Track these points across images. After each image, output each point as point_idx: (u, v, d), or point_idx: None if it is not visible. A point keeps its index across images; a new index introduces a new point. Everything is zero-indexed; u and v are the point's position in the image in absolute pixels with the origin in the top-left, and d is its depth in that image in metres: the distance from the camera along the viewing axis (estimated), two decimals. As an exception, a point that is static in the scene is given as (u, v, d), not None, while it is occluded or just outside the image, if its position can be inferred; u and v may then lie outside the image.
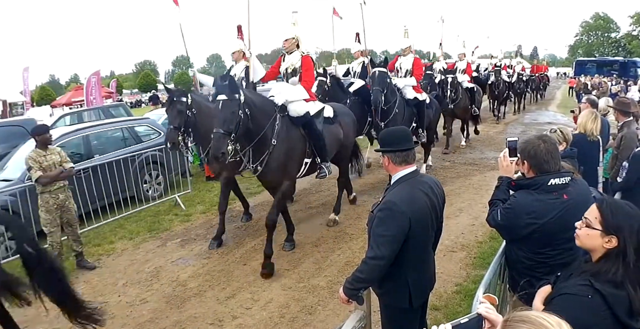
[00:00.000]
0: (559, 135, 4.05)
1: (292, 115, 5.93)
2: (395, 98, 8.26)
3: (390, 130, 3.14)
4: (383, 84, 7.84)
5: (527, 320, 1.33)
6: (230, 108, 4.95)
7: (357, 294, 2.81)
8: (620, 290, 1.85)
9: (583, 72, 38.65)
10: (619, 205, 1.98)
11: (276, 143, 5.59)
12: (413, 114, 8.79)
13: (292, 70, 6.46)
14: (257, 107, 5.37)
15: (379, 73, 7.85)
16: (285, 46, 6.49)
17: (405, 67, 9.03)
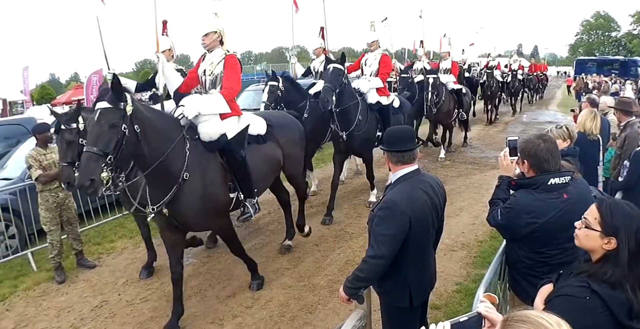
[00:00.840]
0: (564, 132, 4.03)
1: (203, 138, 4.54)
2: (355, 102, 7.16)
3: (394, 128, 3.17)
4: (335, 82, 6.68)
5: (526, 320, 1.33)
6: (108, 120, 3.62)
7: (358, 294, 2.81)
8: (618, 292, 1.85)
9: (583, 71, 38.62)
10: (618, 206, 1.97)
11: (188, 176, 4.23)
12: (377, 120, 7.60)
13: (210, 74, 4.96)
14: (153, 123, 4.02)
15: (333, 70, 6.73)
16: (206, 43, 4.91)
17: (371, 64, 7.91)
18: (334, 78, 6.66)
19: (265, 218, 7.58)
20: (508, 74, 19.82)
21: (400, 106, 8.38)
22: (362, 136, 7.27)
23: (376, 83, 7.66)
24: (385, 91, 7.88)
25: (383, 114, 7.63)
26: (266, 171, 5.23)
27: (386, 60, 7.89)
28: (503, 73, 19.43)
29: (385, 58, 7.92)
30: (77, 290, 5.49)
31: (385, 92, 7.82)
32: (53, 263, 5.73)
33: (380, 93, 7.63)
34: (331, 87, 6.57)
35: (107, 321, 4.76)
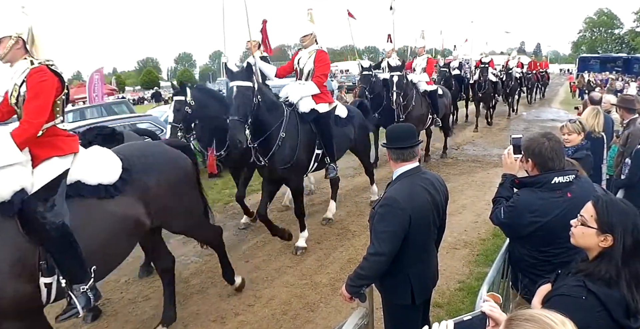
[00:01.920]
0: (578, 126, 4.11)
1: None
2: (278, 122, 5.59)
3: (395, 126, 3.17)
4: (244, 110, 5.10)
5: (530, 319, 1.32)
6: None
7: (360, 292, 2.81)
8: (615, 290, 1.84)
9: (586, 69, 38.53)
10: (614, 203, 1.97)
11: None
12: (314, 134, 6.05)
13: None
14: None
15: (238, 92, 5.09)
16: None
17: (305, 63, 6.27)
18: (241, 103, 5.04)
19: (268, 215, 7.56)
20: (503, 72, 18.20)
21: (350, 116, 6.86)
22: (286, 158, 5.65)
23: (308, 89, 6.05)
24: (325, 97, 6.27)
25: (321, 126, 6.05)
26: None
27: (322, 58, 6.22)
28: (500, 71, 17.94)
29: (322, 55, 6.24)
30: (79, 288, 5.48)
31: (324, 98, 6.23)
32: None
33: (318, 100, 6.07)
34: (240, 120, 5.02)
35: (109, 319, 4.77)
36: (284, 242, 6.42)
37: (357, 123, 7.09)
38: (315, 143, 6.08)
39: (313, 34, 6.30)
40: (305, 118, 5.97)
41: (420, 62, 10.64)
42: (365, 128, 7.57)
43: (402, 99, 9.12)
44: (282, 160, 5.63)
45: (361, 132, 7.30)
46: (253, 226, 7.25)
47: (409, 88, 9.46)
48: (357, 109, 7.56)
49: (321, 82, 6.19)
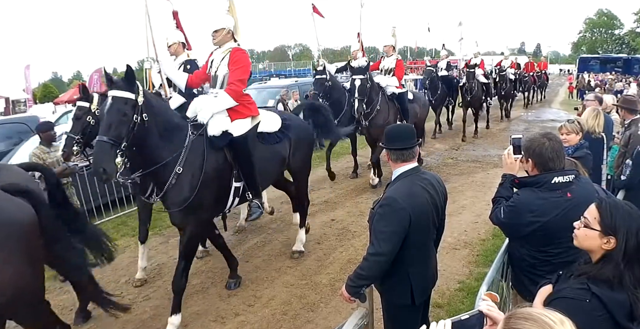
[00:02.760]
0: (577, 126, 4.11)
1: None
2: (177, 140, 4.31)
3: (394, 126, 3.17)
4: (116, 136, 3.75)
5: (529, 317, 1.32)
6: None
7: (360, 292, 2.81)
8: (618, 293, 1.83)
9: (587, 69, 38.53)
10: (618, 205, 1.96)
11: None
12: (227, 163, 4.68)
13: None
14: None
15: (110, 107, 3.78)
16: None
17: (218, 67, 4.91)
18: (115, 120, 3.72)
19: (267, 216, 7.57)
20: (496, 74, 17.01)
21: (285, 126, 5.33)
22: (180, 199, 4.30)
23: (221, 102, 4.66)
24: (245, 110, 4.83)
25: (238, 152, 4.71)
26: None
27: (239, 59, 4.77)
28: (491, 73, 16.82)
29: (237, 55, 4.78)
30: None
31: (244, 111, 4.81)
32: (55, 261, 5.70)
33: (235, 116, 4.74)
34: (109, 142, 3.67)
35: (109, 319, 4.75)
36: (284, 242, 6.43)
37: (295, 137, 5.48)
38: (231, 176, 4.71)
39: (227, 29, 4.81)
40: (215, 143, 4.54)
41: (388, 64, 9.31)
42: (306, 142, 5.80)
43: (365, 106, 8.26)
44: (175, 201, 4.30)
45: (299, 148, 5.61)
46: (253, 226, 7.25)
47: (374, 93, 8.53)
48: (298, 116, 6.16)
49: (238, 90, 4.70)
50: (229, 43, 4.89)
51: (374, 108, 8.51)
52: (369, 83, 8.24)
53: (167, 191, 4.27)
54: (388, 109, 8.80)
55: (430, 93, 13.86)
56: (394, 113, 8.94)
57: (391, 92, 8.96)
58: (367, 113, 8.48)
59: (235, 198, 4.89)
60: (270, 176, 5.39)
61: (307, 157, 5.92)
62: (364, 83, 8.14)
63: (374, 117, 8.56)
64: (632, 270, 1.86)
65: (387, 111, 8.78)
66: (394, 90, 8.99)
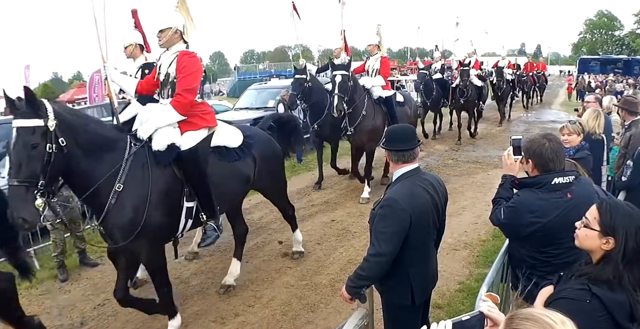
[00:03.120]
0: (578, 127, 4.12)
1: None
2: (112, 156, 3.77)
3: (395, 127, 3.18)
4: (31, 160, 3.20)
5: (531, 318, 1.32)
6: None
7: (360, 292, 2.81)
8: (619, 294, 1.83)
9: (587, 70, 38.53)
10: (618, 206, 1.96)
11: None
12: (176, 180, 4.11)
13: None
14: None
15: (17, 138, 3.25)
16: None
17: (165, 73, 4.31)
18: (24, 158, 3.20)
19: (268, 216, 7.58)
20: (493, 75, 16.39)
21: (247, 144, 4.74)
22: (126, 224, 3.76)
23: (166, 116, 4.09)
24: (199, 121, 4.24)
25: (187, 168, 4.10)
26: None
27: (188, 64, 4.13)
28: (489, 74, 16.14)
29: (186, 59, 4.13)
30: (79, 288, 5.51)
31: (198, 122, 4.23)
32: (56, 261, 5.74)
33: (186, 128, 4.15)
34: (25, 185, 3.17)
35: (109, 320, 4.77)
36: (284, 243, 6.43)
37: (260, 154, 4.92)
38: (181, 194, 4.11)
39: (175, 29, 4.17)
40: (161, 159, 3.97)
41: (372, 63, 8.56)
42: (274, 160, 5.24)
43: (345, 105, 7.45)
44: (117, 223, 3.74)
45: (266, 166, 5.03)
46: (253, 227, 7.25)
47: (357, 94, 7.78)
48: (264, 131, 5.43)
49: (185, 102, 4.04)
50: (177, 45, 4.26)
51: (358, 111, 7.81)
52: (350, 82, 7.58)
53: (108, 212, 3.68)
54: (374, 114, 8.08)
55: (425, 96, 13.57)
56: (381, 119, 8.20)
57: (378, 95, 8.24)
58: (351, 115, 7.76)
59: (188, 220, 4.27)
60: (229, 197, 4.69)
61: (277, 175, 5.45)
62: (345, 80, 7.49)
63: (359, 123, 7.86)
64: (632, 271, 1.86)
65: (374, 116, 8.06)
66: (380, 94, 8.26)
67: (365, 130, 7.95)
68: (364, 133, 7.98)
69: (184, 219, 4.23)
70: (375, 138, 7.98)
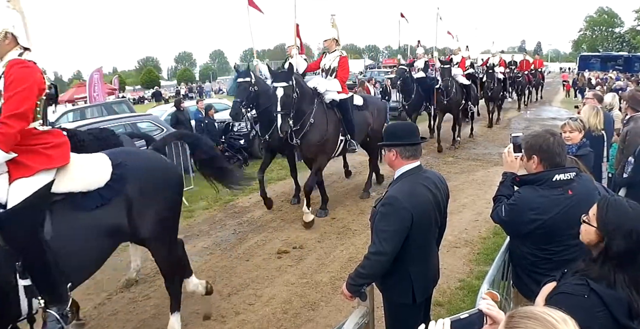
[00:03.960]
0: (580, 124, 4.12)
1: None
2: None
3: (399, 123, 3.16)
4: None
5: (531, 316, 1.31)
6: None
7: (360, 290, 2.80)
8: (618, 291, 1.83)
9: (587, 67, 38.49)
10: (617, 204, 1.94)
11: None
12: None
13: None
14: None
15: None
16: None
17: None
18: None
19: (268, 215, 7.58)
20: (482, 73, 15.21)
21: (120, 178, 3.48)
22: None
23: None
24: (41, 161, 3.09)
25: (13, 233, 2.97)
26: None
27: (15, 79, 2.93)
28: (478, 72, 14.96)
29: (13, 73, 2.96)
30: (80, 287, 5.45)
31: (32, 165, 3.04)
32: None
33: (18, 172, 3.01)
34: None
35: (109, 319, 4.76)
36: (285, 241, 6.42)
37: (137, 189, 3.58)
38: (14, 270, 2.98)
39: (3, 33, 3.05)
40: None
41: (329, 61, 7.38)
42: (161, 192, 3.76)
43: (292, 122, 6.43)
44: None
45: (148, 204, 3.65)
46: (253, 225, 7.25)
47: (306, 102, 6.70)
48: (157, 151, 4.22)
49: (10, 133, 2.89)
50: (11, 53, 3.10)
51: (305, 122, 6.70)
52: (295, 93, 6.35)
53: None
54: (326, 122, 6.90)
55: (404, 97, 12.32)
56: (334, 127, 7.04)
57: (330, 98, 7.10)
58: (297, 130, 6.68)
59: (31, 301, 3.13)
60: (86, 264, 3.45)
61: (168, 215, 3.86)
62: (289, 93, 6.26)
63: (306, 133, 6.73)
64: (626, 271, 1.85)
65: (325, 124, 6.88)
66: (333, 97, 7.09)
67: (314, 142, 6.82)
68: (313, 145, 6.86)
69: (24, 300, 3.09)
70: (326, 150, 7.06)
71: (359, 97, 8.00)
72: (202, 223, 7.47)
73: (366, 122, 7.83)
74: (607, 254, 1.88)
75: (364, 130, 7.84)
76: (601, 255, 1.91)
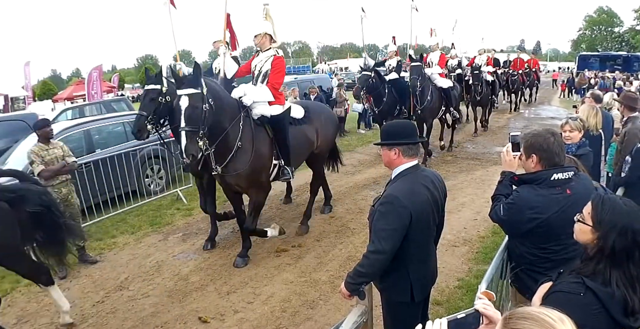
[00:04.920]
0: (579, 123, 4.11)
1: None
2: None
3: (398, 122, 3.15)
4: None
5: (528, 316, 1.31)
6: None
7: (359, 289, 2.80)
8: (613, 288, 1.83)
9: (586, 67, 38.46)
10: (611, 202, 1.94)
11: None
12: None
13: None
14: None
15: None
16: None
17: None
18: None
19: (267, 213, 7.58)
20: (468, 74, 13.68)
21: None
22: None
23: None
24: None
25: None
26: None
27: None
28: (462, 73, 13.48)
29: None
30: (78, 286, 5.51)
31: None
32: (55, 258, 5.71)
33: None
34: None
35: (108, 317, 4.77)
36: (283, 240, 6.43)
37: None
38: None
39: None
40: None
41: (260, 63, 5.88)
42: None
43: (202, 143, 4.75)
44: None
45: None
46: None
47: (226, 117, 5.17)
48: None
49: None
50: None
51: (230, 145, 5.23)
52: (207, 103, 4.78)
53: None
54: (252, 142, 5.40)
55: (374, 103, 10.64)
56: (267, 148, 5.62)
57: (259, 114, 5.61)
58: (219, 156, 5.25)
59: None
60: None
61: None
62: (196, 104, 4.68)
63: (232, 159, 5.29)
64: (622, 269, 1.85)
65: (251, 146, 5.38)
66: (263, 111, 5.60)
67: (244, 172, 5.37)
68: (243, 177, 5.41)
69: None
70: (262, 182, 5.63)
71: (298, 108, 6.37)
72: (201, 221, 7.47)
73: (308, 140, 6.35)
74: (603, 252, 1.89)
75: (304, 153, 6.43)
76: (597, 253, 1.91)
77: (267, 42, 5.81)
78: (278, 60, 5.75)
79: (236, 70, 6.17)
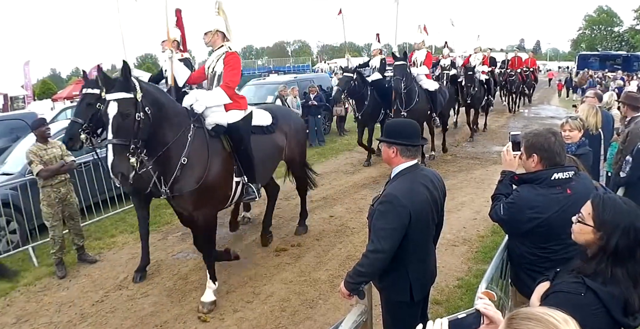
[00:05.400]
0: (579, 123, 4.11)
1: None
2: None
3: (403, 120, 3.14)
4: None
5: (532, 317, 1.30)
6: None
7: (358, 289, 2.80)
8: (613, 288, 1.83)
9: (586, 67, 38.46)
10: (612, 201, 1.95)
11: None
12: None
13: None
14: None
15: None
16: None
17: None
18: None
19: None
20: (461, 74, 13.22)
21: None
22: None
23: None
24: None
25: None
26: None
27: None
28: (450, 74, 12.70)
29: None
30: (78, 285, 5.50)
31: None
32: (54, 258, 5.73)
33: None
34: None
35: (107, 316, 4.77)
36: (283, 239, 6.42)
37: None
38: None
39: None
40: None
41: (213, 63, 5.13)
42: None
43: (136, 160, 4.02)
44: None
45: None
46: (251, 223, 7.25)
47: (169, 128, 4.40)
48: None
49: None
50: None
51: (174, 162, 4.42)
52: (143, 111, 4.01)
53: None
54: (207, 157, 4.62)
55: (356, 107, 10.13)
56: (222, 165, 4.78)
57: (213, 123, 4.81)
58: (166, 173, 4.46)
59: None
60: None
61: None
62: (128, 111, 3.92)
63: (178, 178, 4.47)
64: (625, 267, 1.85)
65: (203, 162, 4.58)
66: (218, 120, 4.83)
67: (187, 192, 4.53)
68: (191, 198, 4.59)
69: None
70: (207, 203, 4.71)
71: (264, 114, 5.64)
72: (200, 221, 7.45)
73: (276, 152, 5.79)
74: (605, 251, 1.88)
75: (272, 166, 5.92)
76: (598, 253, 1.91)
77: (218, 40, 5.06)
78: (231, 56, 4.96)
79: (188, 75, 5.44)
